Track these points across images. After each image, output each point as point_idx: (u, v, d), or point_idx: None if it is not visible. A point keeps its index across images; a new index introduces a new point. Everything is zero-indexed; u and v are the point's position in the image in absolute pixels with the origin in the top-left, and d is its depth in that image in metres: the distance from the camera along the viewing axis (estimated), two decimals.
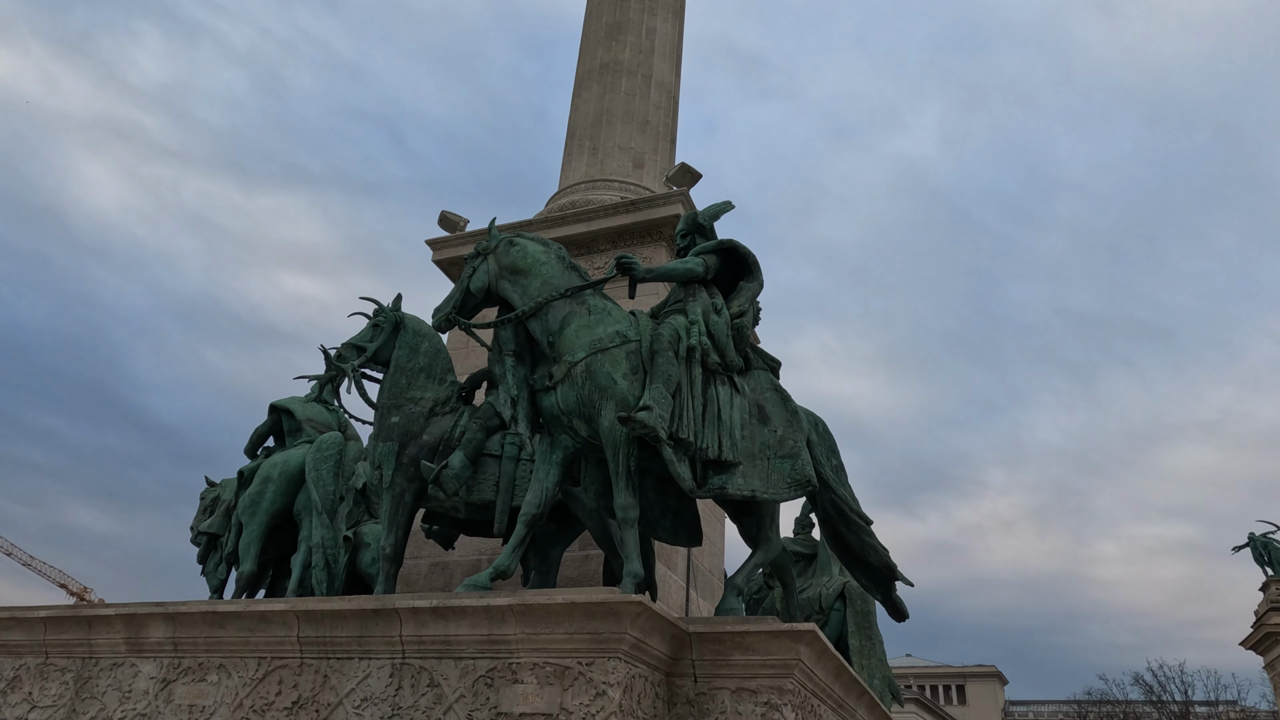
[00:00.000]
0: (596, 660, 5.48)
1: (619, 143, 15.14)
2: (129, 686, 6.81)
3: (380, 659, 6.07)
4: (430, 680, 5.84)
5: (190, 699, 6.50)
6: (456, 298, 7.71)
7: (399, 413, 8.70)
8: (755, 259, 8.16)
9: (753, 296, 8.00)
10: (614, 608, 5.43)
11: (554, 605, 5.55)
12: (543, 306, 7.36)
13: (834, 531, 8.12)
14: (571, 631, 5.54)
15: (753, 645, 5.94)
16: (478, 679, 5.72)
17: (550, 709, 5.42)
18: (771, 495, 7.15)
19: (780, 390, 7.83)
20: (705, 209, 8.71)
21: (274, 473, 10.14)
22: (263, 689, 6.33)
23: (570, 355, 7.10)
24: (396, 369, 8.93)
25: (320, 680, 6.18)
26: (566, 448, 7.28)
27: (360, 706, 5.95)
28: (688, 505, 8.05)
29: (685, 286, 7.91)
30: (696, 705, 5.99)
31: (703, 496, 7.15)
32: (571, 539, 9.05)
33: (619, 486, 6.86)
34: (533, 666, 5.61)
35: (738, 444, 7.17)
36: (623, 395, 6.89)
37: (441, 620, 5.88)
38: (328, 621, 6.23)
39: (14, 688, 7.28)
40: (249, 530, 10.00)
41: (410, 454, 8.53)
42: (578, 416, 7.04)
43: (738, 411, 7.36)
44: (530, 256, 7.65)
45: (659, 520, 7.89)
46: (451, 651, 5.87)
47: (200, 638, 6.68)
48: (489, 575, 6.78)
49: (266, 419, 11.34)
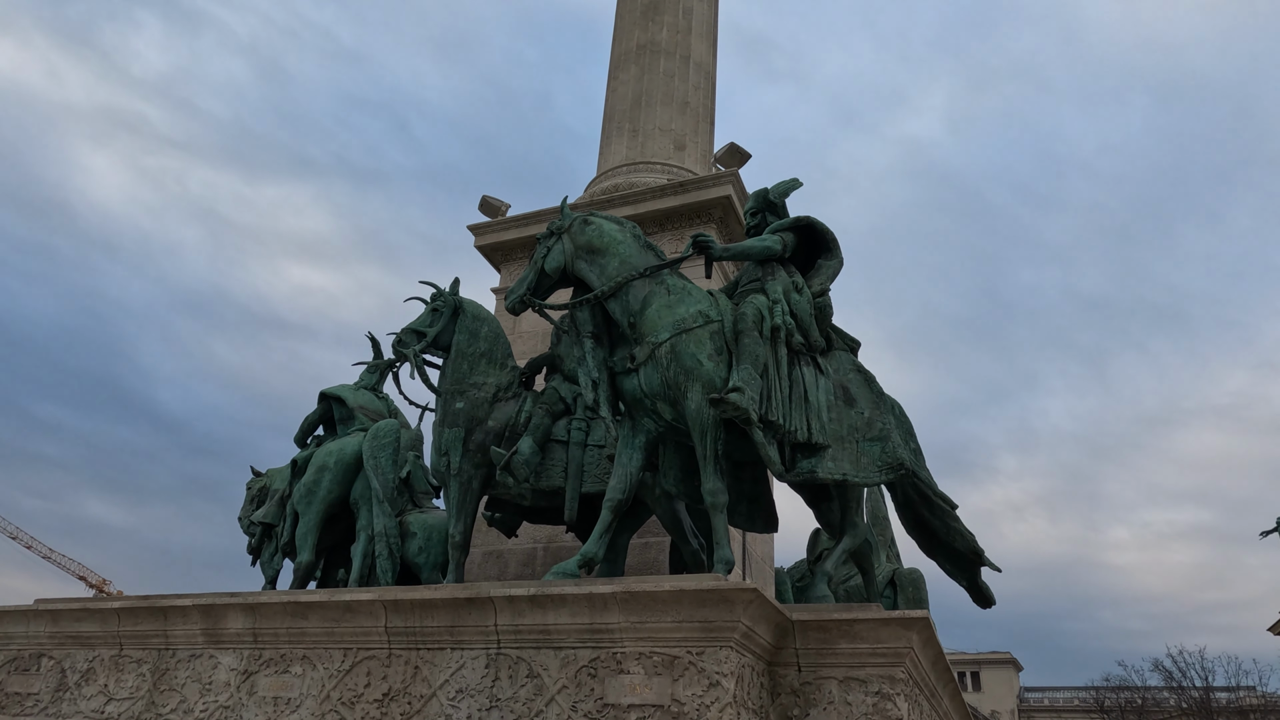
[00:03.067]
0: (707, 650, 5.28)
1: (659, 125, 14.88)
2: (209, 678, 6.66)
3: (474, 649, 5.89)
4: (529, 671, 5.66)
5: (274, 691, 6.34)
6: (531, 279, 7.50)
7: (463, 398, 8.51)
8: (834, 236, 7.92)
9: (833, 275, 7.77)
10: (725, 595, 5.23)
11: (661, 593, 5.36)
12: (623, 286, 7.14)
13: (915, 516, 7.90)
14: (680, 620, 5.35)
15: (861, 633, 5.74)
16: (580, 669, 5.53)
17: (660, 700, 5.23)
18: (863, 479, 6.95)
19: (864, 371, 7.62)
20: (775, 186, 8.46)
21: (330, 461, 9.97)
22: (350, 681, 6.16)
23: (653, 336, 6.88)
24: (458, 354, 8.74)
25: (411, 672, 6.00)
26: (649, 431, 7.07)
27: (456, 698, 5.77)
28: (763, 490, 7.86)
29: (763, 265, 7.69)
30: (802, 695, 5.79)
31: (791, 481, 6.95)
32: (638, 526, 8.88)
33: (707, 471, 6.66)
34: (638, 656, 5.42)
35: (826, 426, 6.97)
36: (709, 377, 6.67)
37: (539, 609, 5.69)
38: (417, 611, 6.05)
39: (88, 680, 7.13)
40: (305, 519, 9.84)
41: (477, 440, 8.35)
42: (662, 399, 6.83)
43: (823, 393, 7.16)
44: (607, 235, 7.43)
45: (735, 505, 7.70)
46: (550, 641, 5.68)
47: (282, 629, 6.52)
48: (576, 563, 6.60)
49: (316, 407, 11.17)
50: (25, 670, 7.44)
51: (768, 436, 6.63)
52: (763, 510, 7.80)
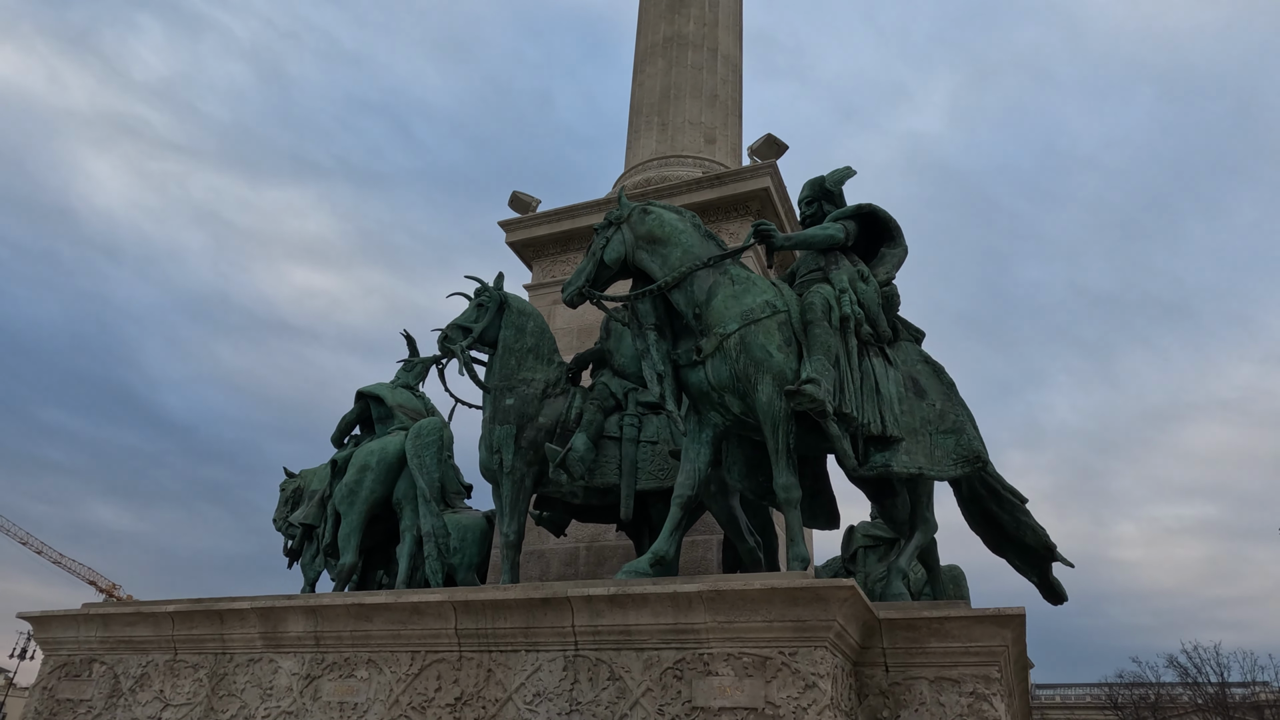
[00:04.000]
0: (800, 650, 5.09)
1: (689, 118, 14.70)
2: (269, 683, 6.47)
3: (550, 651, 5.70)
4: (610, 673, 5.47)
5: (340, 696, 6.15)
6: (589, 270, 7.29)
7: (513, 394, 8.32)
8: (897, 223, 7.73)
9: (899, 263, 7.58)
10: (820, 593, 5.03)
11: (751, 591, 5.16)
12: (687, 276, 6.94)
13: (983, 511, 7.69)
14: (771, 619, 5.15)
15: (952, 632, 5.54)
16: (664, 671, 5.33)
17: (753, 703, 5.03)
18: (938, 472, 6.76)
19: (931, 362, 7.42)
20: (830, 174, 8.27)
21: (371, 460, 9.79)
22: (419, 685, 5.96)
23: (721, 327, 6.69)
24: (505, 350, 8.55)
25: (484, 675, 5.81)
26: (716, 425, 6.87)
27: (533, 702, 5.58)
28: (824, 485, 7.67)
29: (825, 254, 7.50)
30: (891, 696, 5.59)
31: (865, 475, 6.75)
32: (692, 522, 8.68)
33: (779, 465, 6.46)
34: (727, 657, 5.22)
35: (898, 419, 6.77)
36: (779, 368, 6.48)
37: (619, 609, 5.50)
38: (489, 612, 5.86)
39: (143, 685, 6.95)
40: (348, 520, 9.65)
41: (528, 437, 8.17)
42: (730, 392, 6.63)
43: (893, 385, 6.96)
44: (668, 224, 7.23)
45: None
46: (631, 642, 5.49)
47: (345, 632, 6.33)
48: (648, 561, 6.40)
49: (354, 406, 10.99)
50: (76, 676, 7.26)
51: (841, 430, 6.44)
52: (824, 506, 7.60)
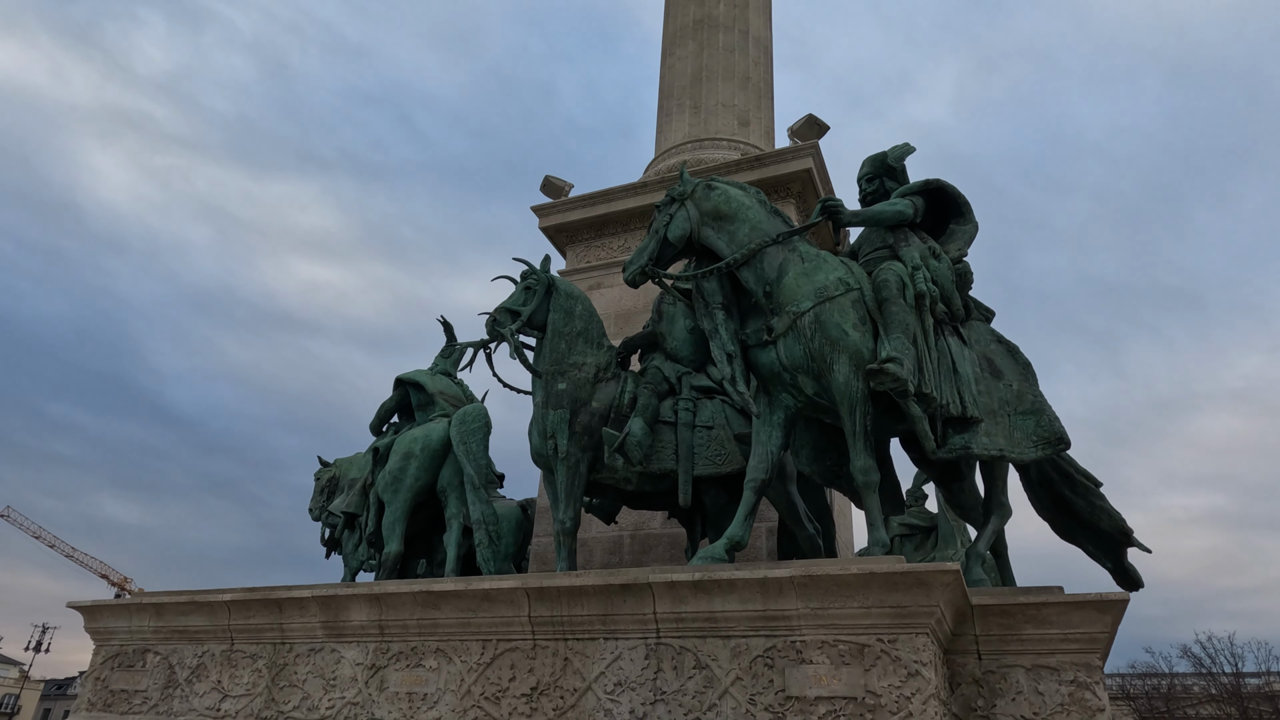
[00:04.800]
0: (900, 637, 4.88)
1: (722, 100, 14.45)
2: (332, 673, 6.29)
3: (630, 639, 5.50)
4: (696, 661, 5.27)
5: (408, 686, 5.96)
6: (652, 248, 7.07)
7: (564, 379, 8.11)
8: (966, 199, 7.49)
9: (970, 239, 7.35)
10: (922, 578, 4.83)
11: (847, 576, 4.95)
12: (757, 253, 6.72)
13: (1055, 496, 7.47)
14: (868, 605, 4.94)
15: (1050, 618, 5.33)
16: (754, 659, 5.13)
17: (852, 692, 4.83)
18: (1018, 454, 6.55)
19: (1005, 341, 7.20)
20: (892, 150, 8.02)
21: (415, 448, 9.60)
22: (492, 674, 5.78)
23: (794, 305, 6.47)
24: (554, 333, 8.34)
25: (560, 664, 5.62)
26: (787, 407, 6.65)
27: (614, 691, 5.39)
28: (888, 470, 7.47)
29: (894, 231, 7.26)
30: (985, 685, 5.39)
31: (944, 458, 6.54)
32: None
33: (857, 448, 6.25)
34: (821, 645, 5.02)
35: (977, 399, 6.55)
36: (856, 347, 6.26)
37: (705, 595, 5.30)
38: (565, 599, 5.66)
39: (199, 676, 6.77)
40: (393, 508, 9.47)
41: (582, 422, 7.96)
42: (804, 372, 6.42)
43: (969, 365, 6.74)
44: (735, 200, 7.01)
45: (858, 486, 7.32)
46: (717, 630, 5.29)
47: (411, 620, 6.14)
48: (724, 547, 6.20)
49: (392, 394, 10.80)
50: (130, 667, 7.09)
51: (921, 411, 6.23)
52: (888, 491, 7.40)
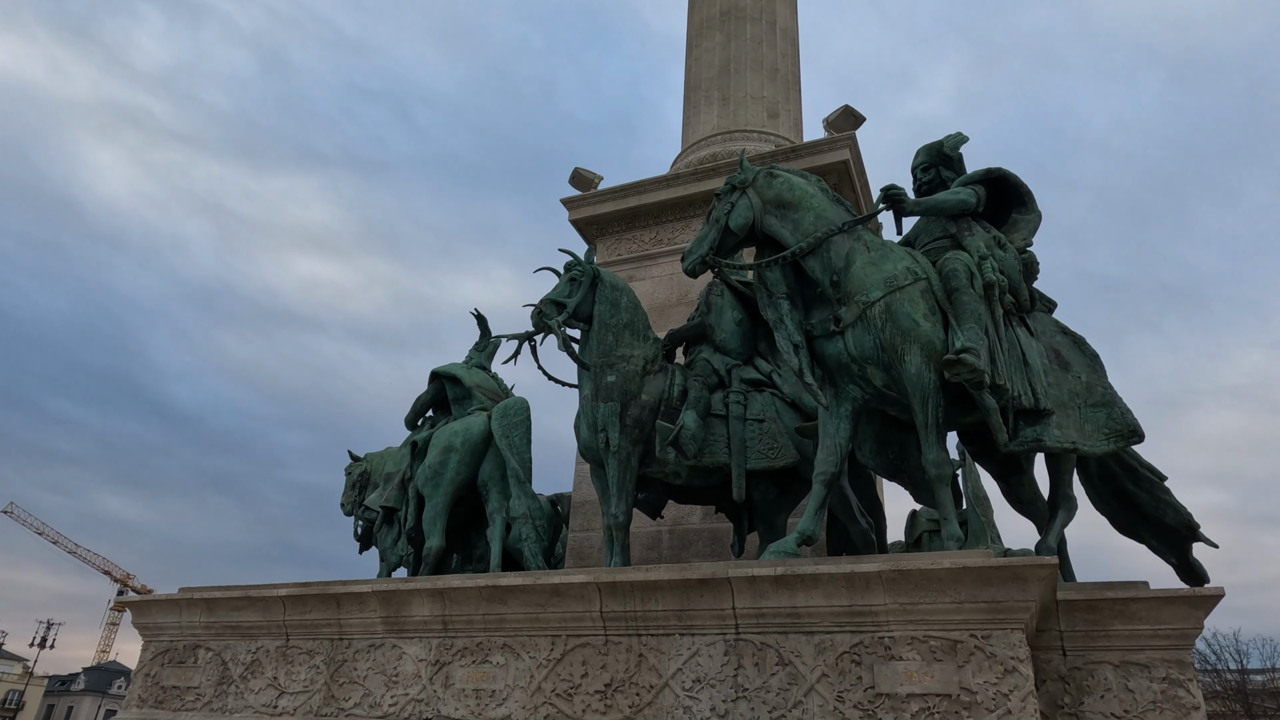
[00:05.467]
0: (994, 633, 4.77)
1: (751, 92, 14.31)
2: (394, 670, 6.16)
3: (708, 635, 5.38)
4: (779, 658, 5.15)
5: (475, 683, 5.84)
6: (713, 237, 6.94)
7: (613, 371, 7.99)
8: (1029, 188, 7.37)
9: (1034, 229, 7.23)
10: (1018, 572, 4.71)
11: (938, 570, 4.84)
12: (823, 242, 6.60)
13: (1117, 490, 7.36)
14: (960, 600, 4.83)
15: (1139, 613, 5.22)
16: (840, 656, 5.02)
17: (946, 689, 4.71)
18: (1090, 447, 6.43)
19: (1070, 333, 7.08)
20: (947, 139, 7.90)
21: (456, 441, 9.47)
22: (563, 671, 5.66)
23: (863, 295, 6.34)
24: (601, 325, 8.22)
25: (635, 660, 5.50)
26: (854, 399, 6.53)
27: (693, 689, 5.27)
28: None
29: (956, 220, 7.15)
30: (1071, 682, 5.28)
31: (1015, 450, 6.42)
32: (795, 503, 8.39)
33: (929, 440, 6.14)
34: (910, 641, 4.90)
35: (1047, 391, 6.44)
36: (928, 338, 6.15)
37: (787, 590, 5.18)
38: (639, 594, 5.54)
39: (254, 672, 6.65)
40: (433, 503, 9.34)
41: (633, 415, 7.85)
42: (873, 363, 6.29)
43: (1037, 356, 6.63)
44: (798, 188, 6.88)
45: (918, 479, 7.21)
46: (800, 625, 5.17)
47: (476, 615, 6.01)
48: (795, 541, 6.09)
49: (428, 387, 10.67)
50: (181, 663, 6.96)
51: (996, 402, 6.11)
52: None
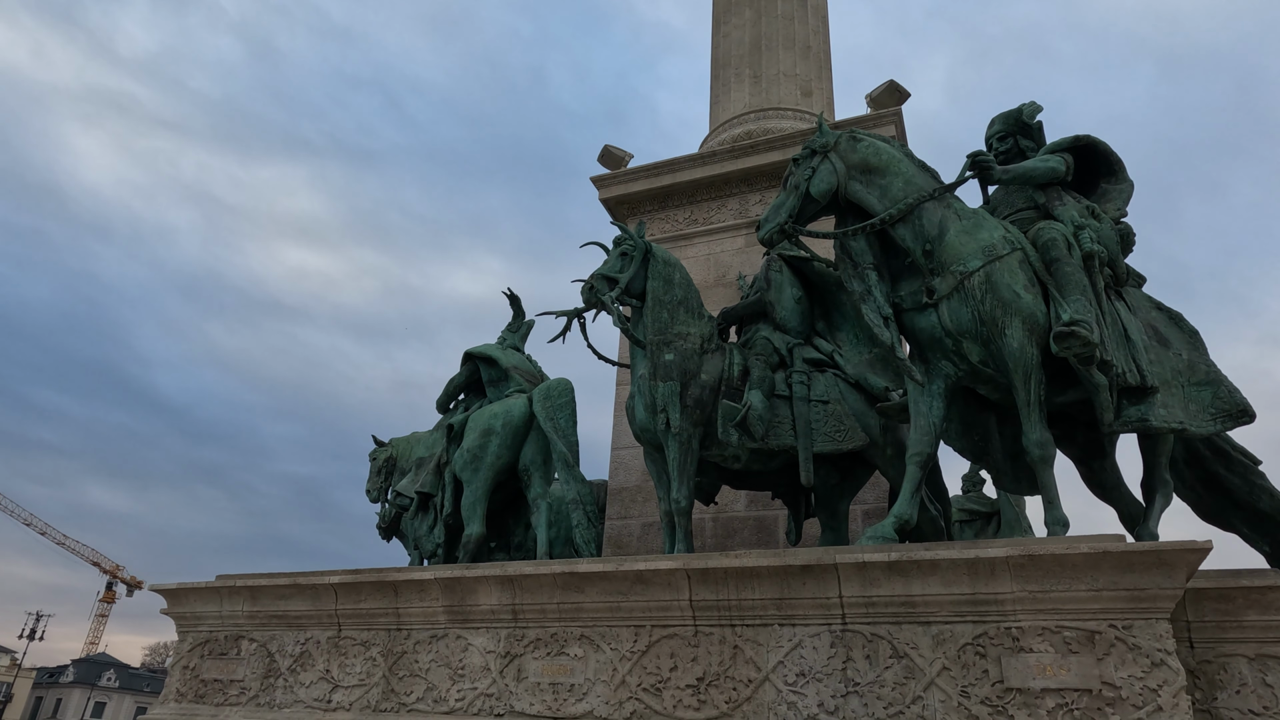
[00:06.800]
0: (1136, 623, 4.39)
1: (783, 70, 13.89)
2: (459, 662, 5.75)
3: (812, 625, 4.99)
4: (893, 650, 4.76)
5: (550, 676, 5.43)
6: (792, 204, 6.52)
7: (671, 350, 7.57)
8: (1119, 157, 6.99)
9: (1128, 199, 6.86)
10: (1165, 557, 4.34)
11: (1074, 556, 4.46)
12: (915, 209, 6.20)
13: (1208, 475, 7.00)
14: (1098, 588, 4.45)
15: (1277, 603, 4.86)
16: (962, 648, 4.64)
17: (1085, 683, 4.34)
18: (1197, 428, 6.06)
19: (1165, 309, 6.71)
20: (1026, 106, 7.50)
21: (496, 424, 9.04)
22: (649, 663, 5.26)
23: (960, 265, 5.95)
24: (655, 302, 7.80)
25: (729, 652, 5.10)
26: (947, 376, 6.14)
27: (797, 683, 4.88)
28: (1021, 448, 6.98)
29: (1044, 190, 6.77)
30: (1202, 676, 4.91)
31: (1117, 431, 6.06)
32: (858, 489, 8.01)
33: (1031, 419, 5.76)
34: (1041, 631, 4.53)
35: (1150, 368, 6.07)
36: (1030, 310, 5.77)
37: (901, 577, 4.79)
38: (733, 581, 5.15)
39: (304, 665, 6.22)
40: (472, 488, 8.92)
41: (693, 395, 7.43)
42: (970, 338, 5.91)
43: (1137, 331, 6.26)
44: (884, 153, 6.48)
45: (999, 464, 6.85)
46: (915, 615, 4.78)
47: (550, 604, 5.60)
48: (892, 526, 5.70)
49: (461, 369, 10.24)
50: (222, 655, 6.52)
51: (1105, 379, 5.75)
52: (1026, 469, 6.91)
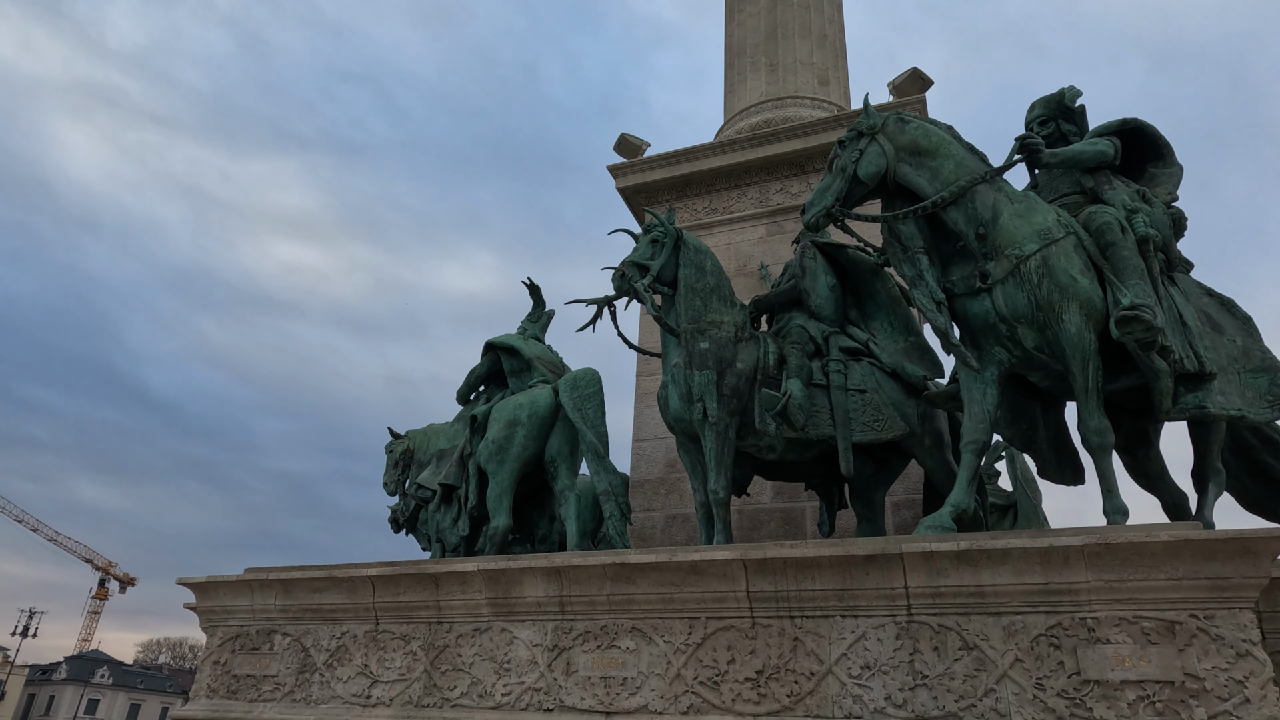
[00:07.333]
0: (1218, 613, 4.28)
1: (800, 58, 13.76)
2: (505, 656, 5.59)
3: (876, 616, 4.86)
4: (962, 641, 4.63)
5: (601, 670, 5.29)
6: (839, 187, 6.37)
7: (705, 338, 7.43)
8: (1167, 141, 6.88)
9: (1178, 183, 6.75)
10: (1249, 545, 4.22)
11: (1153, 544, 4.34)
12: (967, 191, 6.06)
13: (1254, 464, 6.92)
14: (1178, 577, 4.33)
15: None
16: (1035, 639, 4.51)
17: (1166, 675, 4.22)
18: (1256, 415, 5.96)
19: (1216, 295, 6.61)
20: (1066, 90, 7.37)
21: (521, 415, 8.86)
22: (705, 656, 5.11)
23: (1015, 249, 5.82)
24: (687, 289, 7.66)
25: (789, 644, 4.97)
26: (1001, 363, 6.02)
27: (861, 676, 4.75)
28: (1066, 437, 6.88)
29: (1092, 174, 6.65)
30: (1275, 666, 4.80)
31: (1175, 419, 5.94)
32: (893, 479, 7.91)
33: (1089, 406, 5.63)
34: (1118, 622, 4.40)
35: (1206, 354, 5.97)
36: (1087, 295, 5.65)
37: (970, 567, 4.66)
38: (792, 572, 5.01)
39: (340, 660, 6.05)
40: (498, 480, 8.74)
41: (730, 384, 7.30)
42: (1026, 323, 5.78)
43: (1192, 317, 6.15)
44: (934, 134, 6.34)
45: (1044, 454, 6.73)
46: (985, 605, 4.66)
47: (600, 596, 5.45)
48: (950, 515, 5.58)
49: (482, 359, 10.05)
50: (254, 650, 6.35)
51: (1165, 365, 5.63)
52: (1069, 459, 6.82)
